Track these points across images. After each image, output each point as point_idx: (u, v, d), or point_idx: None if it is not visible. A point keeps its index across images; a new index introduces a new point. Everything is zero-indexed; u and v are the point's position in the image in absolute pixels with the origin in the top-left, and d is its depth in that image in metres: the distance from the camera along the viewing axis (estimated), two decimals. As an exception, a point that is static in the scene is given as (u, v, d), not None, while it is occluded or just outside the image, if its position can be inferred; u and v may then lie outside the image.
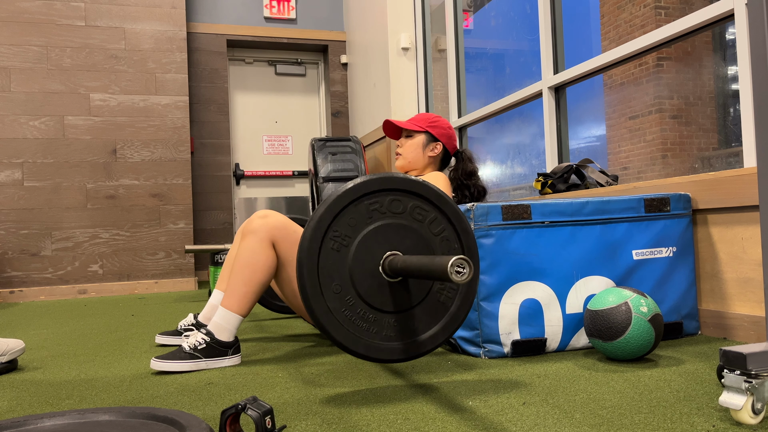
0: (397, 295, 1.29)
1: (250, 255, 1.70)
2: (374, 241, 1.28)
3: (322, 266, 1.25)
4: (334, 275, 1.25)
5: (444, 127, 2.20)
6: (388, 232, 1.29)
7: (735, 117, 6.12)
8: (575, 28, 7.19)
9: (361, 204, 1.27)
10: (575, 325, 1.68)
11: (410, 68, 4.26)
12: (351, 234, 1.27)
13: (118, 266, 4.33)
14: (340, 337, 1.24)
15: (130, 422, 1.00)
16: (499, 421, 1.09)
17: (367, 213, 1.28)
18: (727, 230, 1.78)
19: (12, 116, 4.17)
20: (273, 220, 1.74)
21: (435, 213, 1.32)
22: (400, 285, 1.29)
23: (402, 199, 1.30)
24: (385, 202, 1.29)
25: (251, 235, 1.72)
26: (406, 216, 1.31)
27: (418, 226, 1.31)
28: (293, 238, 1.75)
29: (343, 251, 1.26)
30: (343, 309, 1.25)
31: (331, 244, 1.25)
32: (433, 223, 1.32)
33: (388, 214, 1.29)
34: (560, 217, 1.69)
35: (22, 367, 1.79)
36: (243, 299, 1.69)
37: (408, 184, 1.30)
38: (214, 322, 1.68)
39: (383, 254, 1.28)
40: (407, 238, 1.30)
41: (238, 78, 5.23)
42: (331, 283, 1.25)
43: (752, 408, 1.00)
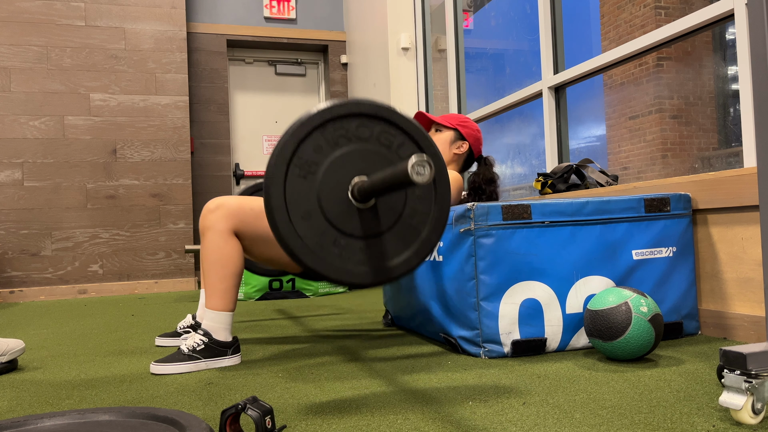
0: (367, 221, 1.25)
1: (215, 251, 1.69)
2: (342, 167, 1.24)
3: (290, 193, 1.20)
4: (302, 202, 1.22)
5: (473, 129, 2.25)
6: (355, 157, 1.25)
7: (735, 117, 6.12)
8: (575, 28, 7.19)
9: (327, 130, 1.24)
10: (575, 325, 1.68)
11: (410, 68, 4.26)
12: (317, 160, 1.23)
13: (118, 266, 4.33)
14: (311, 263, 1.21)
15: (130, 422, 1.00)
16: (499, 421, 1.09)
17: (333, 139, 1.24)
18: (727, 230, 1.78)
19: (12, 116, 4.17)
20: (225, 209, 1.70)
21: (403, 138, 1.29)
22: (370, 211, 1.26)
23: (369, 125, 1.26)
24: (352, 128, 1.25)
25: (209, 232, 1.70)
26: (374, 141, 1.27)
27: (386, 152, 1.28)
28: (252, 214, 1.72)
29: (310, 178, 1.22)
30: (313, 235, 1.23)
31: (298, 171, 1.21)
32: (402, 147, 1.29)
33: (354, 139, 1.26)
34: (560, 217, 1.69)
35: (22, 367, 1.78)
36: (224, 296, 1.68)
37: (375, 109, 1.26)
38: (207, 324, 1.68)
39: (352, 180, 1.25)
40: (375, 164, 1.27)
41: (238, 78, 5.23)
42: (299, 209, 1.22)
43: (752, 408, 1.00)
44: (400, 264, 1.28)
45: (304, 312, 2.86)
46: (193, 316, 2.11)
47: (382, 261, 1.27)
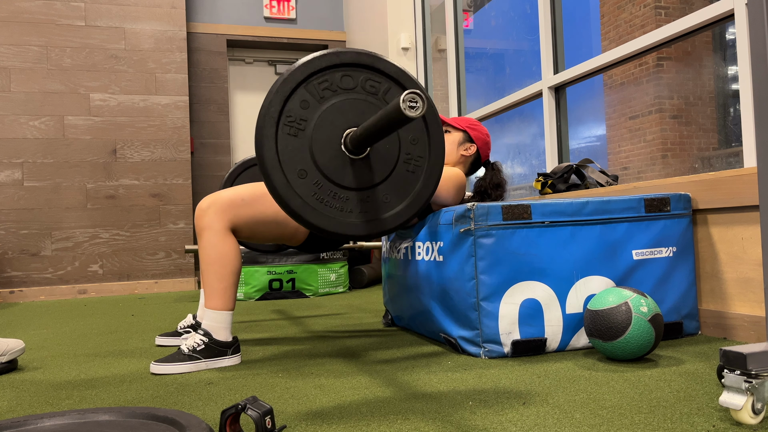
0: (362, 172, 1.23)
1: (213, 251, 1.68)
2: (331, 120, 1.22)
3: (282, 152, 1.19)
4: (296, 160, 1.20)
5: (482, 133, 2.25)
6: (343, 109, 1.23)
7: (735, 117, 6.12)
8: (575, 28, 7.19)
9: (310, 85, 1.21)
10: (575, 325, 1.68)
11: (410, 68, 4.26)
12: (306, 116, 1.21)
13: (118, 266, 4.33)
14: (312, 219, 1.18)
15: (130, 422, 1.00)
16: (499, 421, 1.09)
17: (318, 93, 1.22)
18: (727, 230, 1.78)
19: (12, 116, 4.17)
20: (217, 206, 1.70)
21: (388, 83, 1.27)
22: (364, 162, 1.24)
23: (353, 74, 1.24)
24: (336, 80, 1.23)
25: (205, 232, 1.69)
26: (359, 90, 1.25)
27: (373, 100, 1.25)
28: (245, 204, 1.72)
29: (301, 135, 1.20)
30: (312, 193, 1.20)
31: (288, 130, 1.20)
32: (388, 93, 1.26)
33: (340, 91, 1.24)
34: (560, 217, 1.69)
35: (22, 367, 1.78)
36: (223, 295, 1.68)
37: (357, 57, 1.24)
38: (207, 324, 1.68)
39: (343, 132, 1.23)
40: (364, 114, 1.25)
41: (238, 78, 5.23)
42: (296, 168, 1.20)
43: (752, 408, 1.00)
44: (393, 216, 1.26)
45: (304, 312, 2.86)
46: (194, 316, 2.11)
47: (377, 213, 1.25)
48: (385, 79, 1.27)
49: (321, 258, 3.65)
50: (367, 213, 1.25)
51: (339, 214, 1.22)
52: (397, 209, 1.27)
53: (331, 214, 1.22)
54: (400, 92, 1.28)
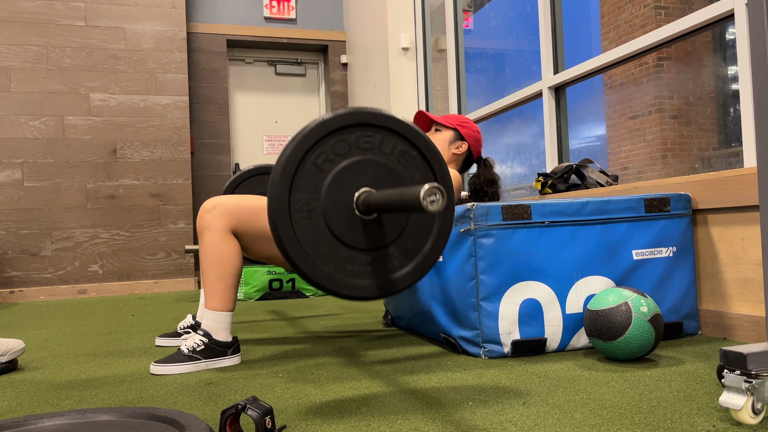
0: (371, 233, 1.24)
1: (213, 251, 1.68)
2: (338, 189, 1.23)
3: (302, 238, 1.20)
4: (318, 241, 1.21)
5: (473, 130, 2.24)
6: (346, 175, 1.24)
7: (735, 117, 6.12)
8: (575, 28, 7.19)
9: (307, 163, 1.22)
10: (575, 325, 1.68)
11: (410, 68, 4.26)
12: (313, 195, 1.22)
13: (118, 266, 4.33)
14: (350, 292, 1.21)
15: (130, 422, 1.00)
16: (499, 421, 1.09)
17: (317, 168, 1.23)
18: (727, 230, 1.78)
19: (12, 116, 4.17)
20: (221, 208, 1.70)
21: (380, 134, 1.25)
22: (374, 222, 1.25)
23: (344, 137, 1.25)
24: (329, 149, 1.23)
25: (207, 232, 1.69)
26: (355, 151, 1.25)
27: (371, 155, 1.25)
28: (249, 212, 1.72)
29: (314, 215, 1.21)
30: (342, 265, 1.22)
31: (300, 215, 1.20)
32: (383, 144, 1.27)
33: (337, 158, 1.24)
34: (560, 217, 1.69)
35: (22, 367, 1.78)
36: (223, 295, 1.69)
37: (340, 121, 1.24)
38: (206, 324, 1.68)
39: (353, 196, 1.24)
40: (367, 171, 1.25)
41: (238, 78, 5.23)
42: (319, 249, 1.21)
43: (752, 408, 1.00)
44: (403, 277, 1.28)
45: (304, 312, 2.86)
46: (193, 316, 2.11)
47: (386, 274, 1.26)
48: (376, 131, 1.28)
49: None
50: (378, 274, 1.26)
51: (354, 277, 1.24)
52: (407, 270, 1.29)
53: (348, 279, 1.24)
54: (393, 139, 1.29)
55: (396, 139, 1.28)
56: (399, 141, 1.29)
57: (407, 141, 1.29)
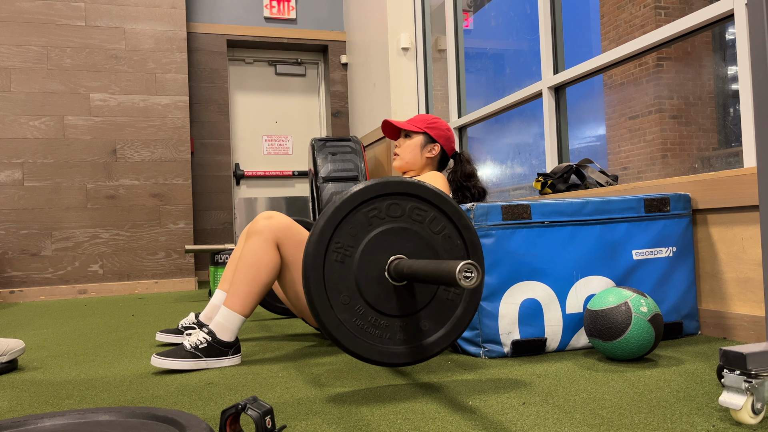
0: (404, 299, 1.29)
1: (254, 255, 1.70)
2: (377, 247, 1.28)
3: (329, 279, 1.25)
4: (341, 287, 1.26)
5: (442, 129, 2.19)
6: (389, 236, 1.29)
7: (735, 117, 6.12)
8: (575, 28, 7.19)
9: (360, 212, 1.28)
10: (575, 325, 1.68)
11: (410, 68, 4.26)
12: (353, 243, 1.27)
13: (118, 266, 4.33)
14: (352, 347, 1.25)
15: (130, 422, 1.00)
16: (499, 421, 1.09)
17: (367, 221, 1.28)
18: (727, 230, 1.78)
19: (12, 116, 4.17)
20: (278, 221, 1.74)
21: (434, 212, 1.33)
22: (405, 289, 1.30)
23: (400, 203, 1.31)
24: (383, 208, 1.29)
25: (256, 236, 1.72)
26: (406, 218, 1.31)
27: (418, 228, 1.32)
28: (297, 239, 1.75)
29: (348, 261, 1.26)
30: (353, 319, 1.26)
31: (335, 257, 1.26)
32: (433, 222, 1.33)
33: (387, 219, 1.29)
34: (560, 217, 1.69)
35: (22, 367, 1.79)
36: (246, 299, 1.69)
37: (404, 187, 1.30)
38: (217, 321, 1.68)
39: (388, 259, 1.29)
40: (409, 241, 1.31)
41: (238, 78, 5.23)
42: (339, 295, 1.26)
43: (752, 408, 1.00)
44: (436, 342, 1.31)
45: (304, 312, 2.86)
46: (196, 315, 2.11)
47: (418, 340, 1.30)
48: (431, 208, 1.34)
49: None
50: (408, 340, 1.30)
51: (379, 341, 1.28)
52: (439, 335, 1.33)
53: (370, 341, 1.27)
54: (445, 221, 1.34)
55: (446, 222, 1.34)
56: (448, 224, 1.34)
57: (456, 228, 1.35)
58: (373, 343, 1.27)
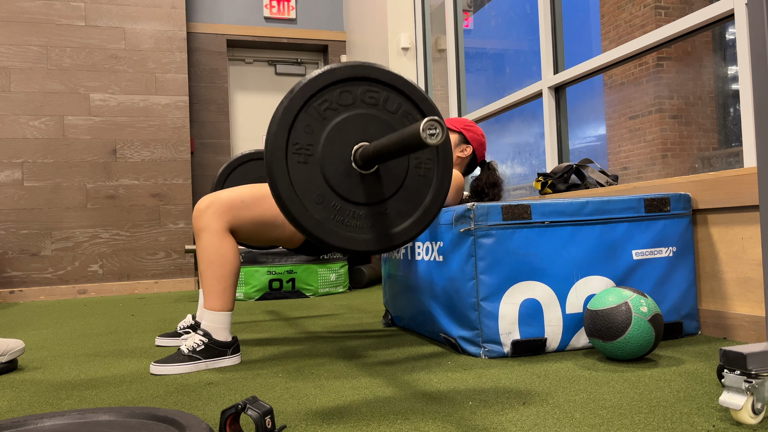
0: (371, 187, 1.24)
1: (211, 251, 1.67)
2: (338, 139, 1.23)
3: (296, 183, 1.19)
4: (311, 187, 1.20)
5: (478, 134, 2.25)
6: (347, 125, 1.23)
7: (735, 117, 6.12)
8: (575, 28, 7.19)
9: (311, 108, 1.21)
10: (575, 325, 1.68)
11: (410, 68, 4.26)
12: (312, 141, 1.21)
13: (118, 266, 4.33)
14: (339, 243, 1.21)
15: (130, 422, 1.00)
16: (499, 421, 1.09)
17: (320, 114, 1.22)
18: (727, 230, 1.78)
19: (12, 116, 4.17)
20: (216, 206, 1.69)
21: (386, 92, 1.27)
22: (373, 176, 1.25)
23: (350, 89, 1.24)
24: (334, 98, 1.23)
25: (204, 233, 1.68)
26: (359, 104, 1.25)
27: (375, 111, 1.26)
28: (244, 206, 1.71)
29: (311, 160, 1.21)
30: (332, 215, 1.22)
31: (297, 158, 1.20)
32: (388, 101, 1.27)
33: (340, 108, 1.23)
34: (560, 217, 1.69)
35: (22, 367, 1.78)
36: (222, 295, 1.68)
37: (351, 71, 1.24)
38: (206, 325, 1.67)
39: (351, 149, 1.24)
40: (369, 125, 1.25)
41: (238, 78, 5.23)
42: (311, 195, 1.20)
43: (752, 408, 1.00)
44: (402, 231, 1.27)
45: (303, 312, 2.86)
46: (193, 316, 2.11)
47: (386, 228, 1.26)
48: (383, 88, 1.27)
49: (321, 258, 3.65)
50: (378, 228, 1.25)
51: (354, 231, 1.23)
52: (407, 224, 1.28)
53: (348, 233, 1.23)
54: (398, 99, 1.28)
55: (402, 99, 1.28)
56: (404, 101, 1.28)
57: (412, 102, 1.28)
58: (350, 234, 1.21)
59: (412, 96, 1.28)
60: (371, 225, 1.25)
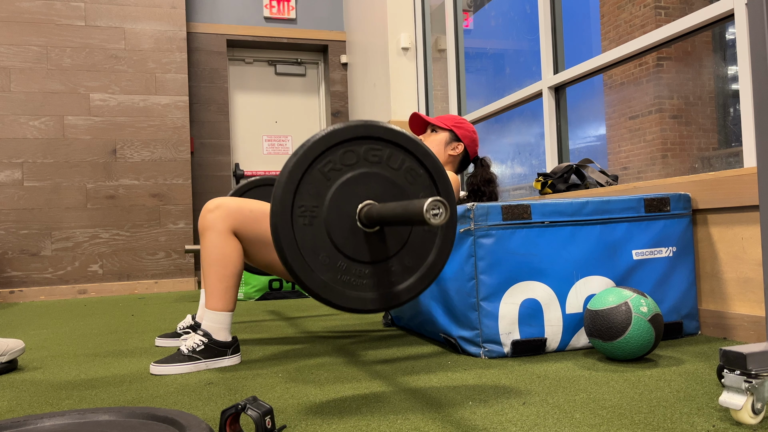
0: (374, 245, 1.24)
1: (215, 251, 1.68)
2: (342, 198, 1.24)
3: (302, 244, 1.20)
4: (317, 249, 1.22)
5: (469, 130, 2.23)
6: (351, 185, 1.24)
7: (735, 117, 6.12)
8: (575, 28, 7.19)
9: (315, 170, 1.23)
10: (575, 325, 1.68)
11: (410, 68, 4.26)
12: (317, 203, 1.22)
13: (118, 266, 4.33)
14: (346, 303, 1.22)
15: (130, 422, 1.00)
16: (499, 421, 1.09)
17: (324, 176, 1.23)
18: (727, 230, 1.78)
19: (12, 116, 4.17)
20: (224, 209, 1.70)
21: (389, 149, 1.28)
22: (377, 235, 1.26)
23: (353, 148, 1.26)
24: (337, 158, 1.24)
25: (208, 232, 1.69)
26: (363, 162, 1.26)
27: (378, 169, 1.27)
28: (251, 216, 1.72)
29: (316, 222, 1.22)
30: (338, 275, 1.23)
31: (302, 221, 1.21)
32: (391, 158, 1.28)
33: (344, 168, 1.25)
34: (560, 217, 1.69)
35: (22, 367, 1.79)
36: (224, 295, 1.68)
37: (352, 131, 1.25)
38: (207, 325, 1.68)
39: (356, 207, 1.25)
40: (373, 184, 1.26)
41: (238, 78, 5.23)
42: (317, 256, 1.21)
43: (752, 408, 1.00)
44: (406, 289, 1.29)
45: (303, 312, 2.86)
46: (193, 317, 2.11)
47: (389, 287, 1.27)
48: (385, 145, 1.29)
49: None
50: (382, 286, 1.27)
51: (358, 289, 1.25)
52: (410, 282, 1.29)
53: (355, 293, 1.24)
54: (401, 155, 1.30)
55: (404, 156, 1.30)
56: (407, 157, 1.30)
57: (415, 158, 1.30)
58: (354, 294, 1.23)
59: (415, 152, 1.30)
60: (376, 283, 1.27)
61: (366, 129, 1.26)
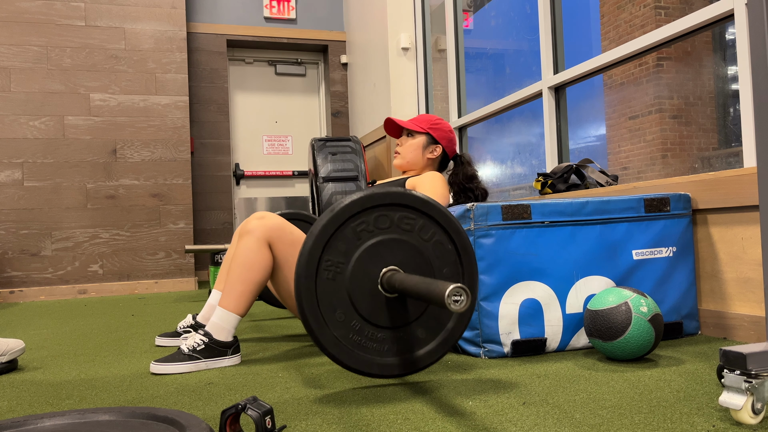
0: (395, 311, 1.29)
1: (247, 254, 1.70)
2: (369, 260, 1.27)
3: (321, 298, 1.24)
4: (335, 304, 1.25)
5: (445, 131, 2.20)
6: (380, 248, 1.28)
7: (735, 117, 6.12)
8: (575, 28, 7.19)
9: (348, 228, 1.26)
10: (575, 325, 1.68)
11: (410, 68, 4.26)
12: (344, 260, 1.26)
13: (118, 266, 4.33)
14: (351, 363, 1.25)
15: (130, 422, 1.00)
16: (499, 421, 1.09)
17: (356, 235, 1.27)
18: (727, 230, 1.78)
19: (12, 116, 4.17)
20: (270, 221, 1.74)
21: (423, 220, 1.31)
22: (399, 300, 1.29)
23: (388, 213, 1.29)
24: (371, 220, 1.28)
25: (248, 235, 1.72)
26: (395, 229, 1.29)
27: (408, 237, 1.30)
28: (290, 239, 1.75)
29: (339, 278, 1.25)
30: (350, 335, 1.25)
31: (326, 275, 1.25)
32: (423, 229, 1.31)
33: (376, 231, 1.28)
34: (560, 217, 1.69)
35: (22, 367, 1.79)
36: (240, 298, 1.69)
37: (390, 198, 1.28)
38: (213, 322, 1.68)
39: (380, 271, 1.28)
40: (400, 251, 1.29)
41: (238, 78, 5.23)
42: (334, 312, 1.25)
43: (752, 408, 1.00)
44: (426, 354, 1.31)
45: (304, 312, 2.85)
46: (194, 316, 2.11)
47: (409, 352, 1.29)
48: (419, 215, 1.32)
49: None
50: (401, 352, 1.29)
51: (374, 354, 1.27)
52: (431, 347, 1.32)
53: (366, 355, 1.26)
54: (433, 227, 1.32)
55: (436, 228, 1.32)
56: (438, 231, 1.32)
57: (446, 233, 1.33)
58: (369, 357, 1.27)
59: (447, 227, 1.33)
60: (390, 349, 1.29)
61: (403, 197, 1.30)
